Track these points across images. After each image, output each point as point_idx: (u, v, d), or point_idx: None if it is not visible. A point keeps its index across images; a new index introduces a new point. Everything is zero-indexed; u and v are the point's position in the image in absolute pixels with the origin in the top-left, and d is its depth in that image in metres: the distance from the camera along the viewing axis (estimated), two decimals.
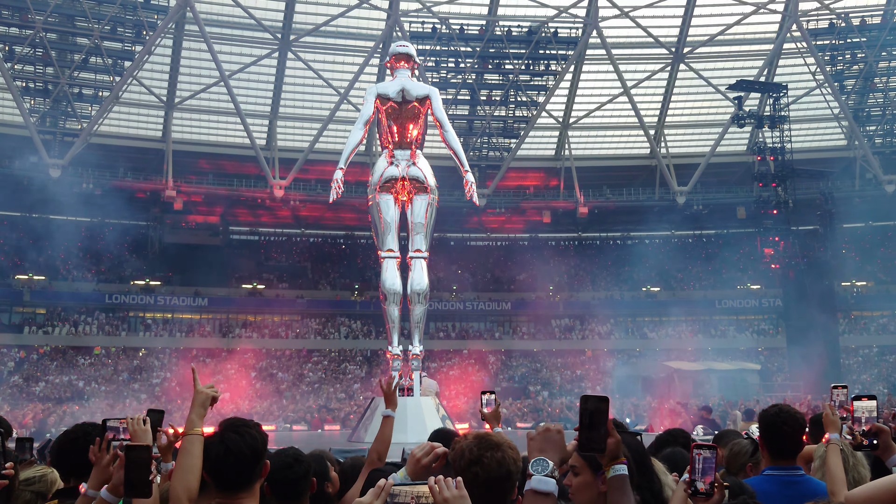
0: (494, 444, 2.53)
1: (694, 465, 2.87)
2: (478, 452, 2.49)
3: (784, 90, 38.64)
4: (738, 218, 44.16)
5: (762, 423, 3.94)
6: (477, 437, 2.56)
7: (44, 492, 3.59)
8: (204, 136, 44.83)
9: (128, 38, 38.47)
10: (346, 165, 14.49)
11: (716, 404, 26.20)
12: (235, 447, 2.84)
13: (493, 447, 2.51)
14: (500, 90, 42.80)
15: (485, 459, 2.47)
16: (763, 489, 3.57)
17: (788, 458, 3.83)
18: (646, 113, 44.26)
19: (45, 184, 38.94)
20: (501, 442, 2.55)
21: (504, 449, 2.52)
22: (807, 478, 3.84)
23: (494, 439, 2.55)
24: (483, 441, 2.53)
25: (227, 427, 2.93)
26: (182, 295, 43.45)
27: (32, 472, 3.79)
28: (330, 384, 39.52)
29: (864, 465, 3.90)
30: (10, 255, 42.92)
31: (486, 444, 2.52)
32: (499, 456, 2.49)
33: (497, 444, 2.53)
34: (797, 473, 3.80)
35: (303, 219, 47.50)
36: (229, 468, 2.83)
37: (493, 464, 2.47)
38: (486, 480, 2.44)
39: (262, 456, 2.96)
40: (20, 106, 36.95)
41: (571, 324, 47.03)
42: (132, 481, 2.69)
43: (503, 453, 2.50)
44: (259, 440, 2.94)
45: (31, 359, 38.94)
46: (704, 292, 46.93)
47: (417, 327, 14.73)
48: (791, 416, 3.84)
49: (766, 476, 3.83)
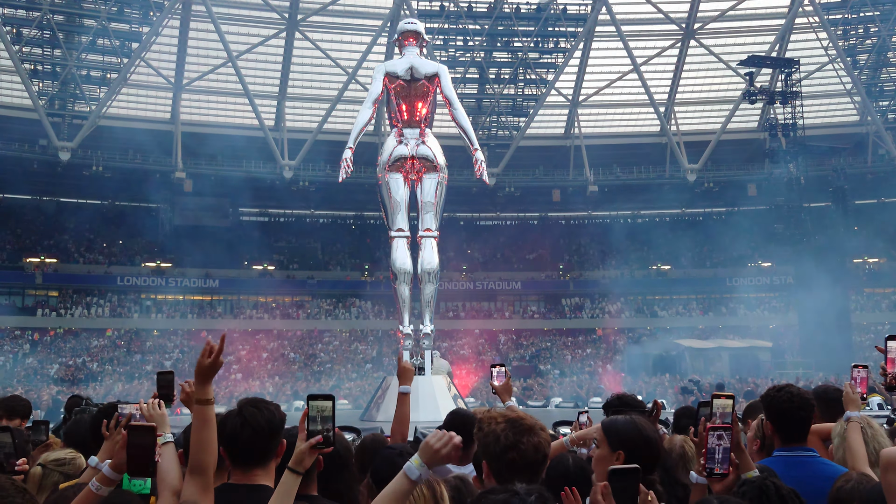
0: (528, 427, 2.50)
1: (709, 447, 2.83)
2: (514, 438, 2.47)
3: (796, 66, 38.21)
4: (749, 195, 43.88)
5: (767, 405, 3.87)
6: (509, 421, 2.52)
7: (73, 474, 3.61)
8: (213, 117, 44.78)
9: (135, 19, 38.33)
10: (354, 145, 14.40)
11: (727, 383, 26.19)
12: (253, 420, 2.87)
13: (527, 431, 2.48)
14: (508, 68, 42.52)
15: (521, 445, 2.46)
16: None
17: (796, 439, 3.76)
18: (656, 90, 43.90)
19: (54, 167, 39.09)
20: (534, 425, 2.53)
21: (538, 432, 2.50)
22: (816, 459, 3.76)
23: (528, 423, 2.53)
24: (517, 425, 2.51)
25: (247, 403, 2.96)
26: (193, 277, 43.63)
27: (63, 453, 3.81)
28: (341, 364, 39.70)
29: (883, 435, 3.85)
30: (22, 239, 43.17)
31: (520, 429, 2.49)
32: (535, 441, 2.47)
33: (531, 427, 2.50)
34: (805, 455, 3.73)
35: (312, 199, 47.48)
36: (245, 441, 2.83)
37: (530, 449, 2.45)
38: (523, 466, 2.43)
39: (279, 433, 2.96)
40: (29, 89, 36.96)
41: (581, 302, 47.02)
42: (135, 461, 2.69)
43: (538, 437, 2.49)
44: (276, 416, 2.95)
45: (44, 341, 39.25)
46: (715, 270, 46.80)
47: (428, 306, 14.70)
48: (797, 396, 3.76)
49: (773, 458, 3.76)
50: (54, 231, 44.04)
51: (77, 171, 39.88)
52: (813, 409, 3.83)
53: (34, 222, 44.28)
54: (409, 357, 14.30)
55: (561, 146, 47.15)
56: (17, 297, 41.69)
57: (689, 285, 46.61)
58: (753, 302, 45.41)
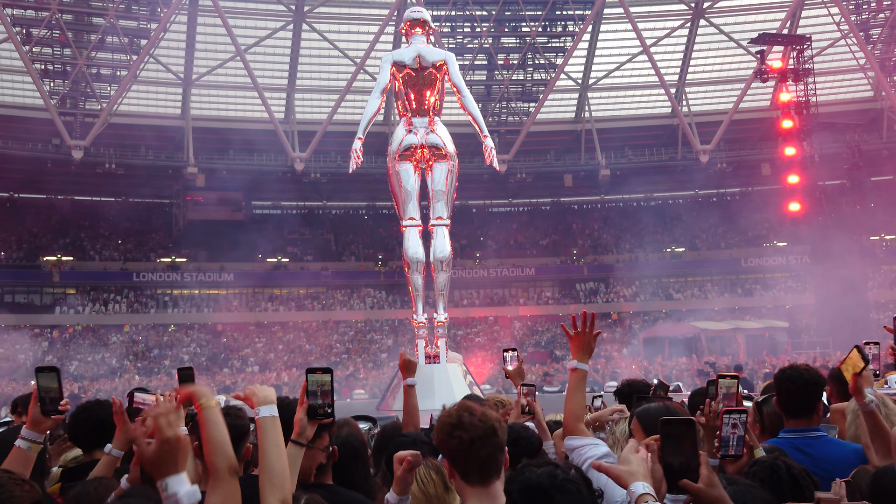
0: (472, 406, 2.49)
1: (724, 431, 2.83)
2: (456, 415, 2.44)
3: (808, 42, 37.74)
4: (762, 175, 43.52)
5: (777, 384, 3.85)
6: (456, 405, 2.52)
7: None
8: (223, 111, 44.90)
9: (143, 15, 38.47)
10: (364, 135, 14.43)
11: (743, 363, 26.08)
12: None
13: (470, 409, 2.47)
14: (517, 53, 42.32)
15: (464, 420, 2.41)
16: None
17: (804, 417, 3.73)
18: (666, 71, 43.57)
19: (68, 165, 39.34)
20: (480, 405, 2.52)
21: (485, 408, 2.48)
22: (824, 439, 3.72)
23: (471, 402, 2.53)
24: (462, 405, 2.50)
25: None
26: (208, 271, 43.87)
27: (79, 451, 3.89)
28: (357, 354, 39.87)
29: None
30: (38, 238, 43.52)
31: (464, 407, 2.48)
32: (479, 413, 2.43)
33: (474, 406, 2.50)
34: (812, 436, 3.69)
35: (324, 190, 47.57)
36: None
37: (475, 422, 2.41)
38: (469, 441, 2.38)
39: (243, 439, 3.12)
40: (40, 88, 37.17)
41: (596, 287, 46.91)
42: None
43: (483, 411, 2.45)
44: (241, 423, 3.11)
45: (63, 338, 39.62)
46: (730, 251, 46.54)
47: (441, 295, 14.74)
48: (804, 376, 3.73)
49: (780, 438, 3.73)
50: (70, 229, 44.38)
51: (90, 169, 40.12)
52: (822, 388, 3.81)
53: (50, 221, 44.62)
54: (424, 345, 14.36)
55: (572, 130, 46.95)
56: (35, 295, 42.08)
57: (704, 267, 46.34)
58: (769, 282, 45.16)
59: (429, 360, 14.41)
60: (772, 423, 4.07)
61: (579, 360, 3.47)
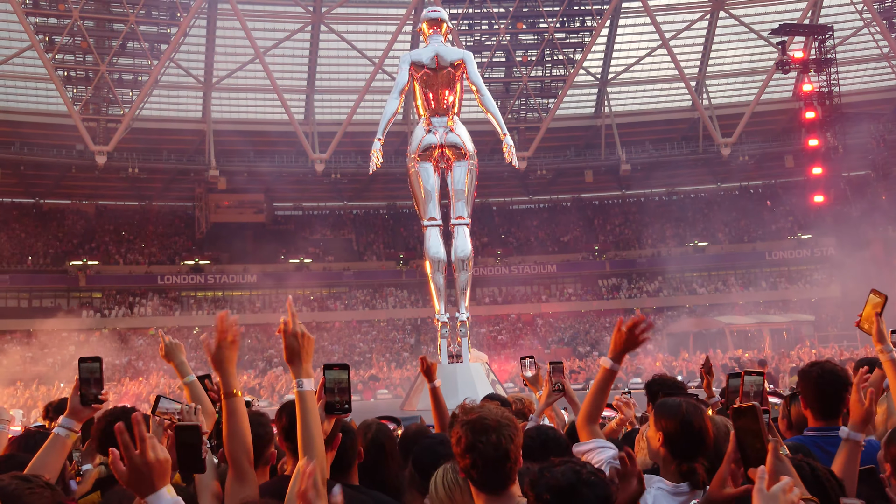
0: (488, 426, 2.49)
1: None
2: (472, 438, 2.48)
3: (830, 32, 37.34)
4: (786, 167, 43.08)
5: (802, 382, 3.77)
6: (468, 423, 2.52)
7: None
8: (243, 114, 45.20)
9: (163, 20, 38.80)
10: (383, 136, 14.46)
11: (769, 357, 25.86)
12: None
13: (485, 431, 2.48)
14: (535, 50, 42.18)
15: (479, 445, 2.46)
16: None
17: (829, 416, 3.65)
18: (686, 64, 43.25)
19: (92, 171, 39.80)
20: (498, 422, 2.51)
21: (501, 430, 2.48)
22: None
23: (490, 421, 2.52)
24: (476, 426, 2.50)
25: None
26: (231, 273, 44.23)
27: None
28: (380, 353, 39.98)
29: None
30: (64, 243, 44.07)
31: (479, 429, 2.49)
32: (493, 440, 2.46)
33: (491, 426, 2.49)
34: (837, 434, 3.55)
35: (344, 191, 47.75)
36: None
37: (489, 448, 2.46)
38: (483, 466, 2.47)
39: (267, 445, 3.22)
40: (63, 95, 37.60)
41: (618, 283, 46.70)
42: (185, 460, 2.75)
43: (498, 435, 2.47)
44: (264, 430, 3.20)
45: (90, 342, 40.09)
46: (753, 245, 46.13)
47: (463, 293, 14.74)
48: (832, 373, 3.65)
49: (804, 436, 3.67)
50: (95, 234, 44.91)
51: (114, 174, 40.57)
52: (848, 385, 3.75)
53: (75, 226, 45.20)
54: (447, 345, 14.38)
55: (591, 126, 46.75)
56: (62, 299, 42.61)
57: (727, 261, 45.98)
58: (794, 275, 44.70)
59: (452, 360, 14.42)
60: (799, 421, 4.02)
61: (613, 358, 3.29)
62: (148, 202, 46.46)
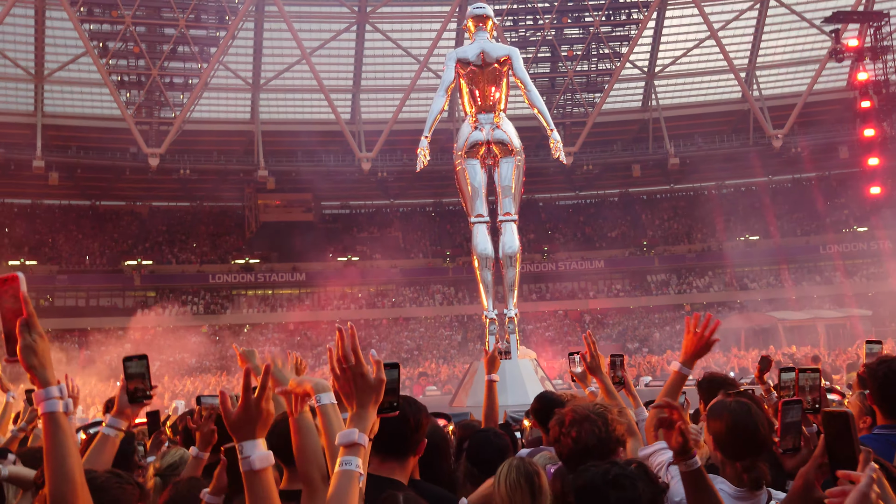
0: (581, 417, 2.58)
1: (781, 421, 2.78)
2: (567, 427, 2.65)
3: (885, 18, 36.26)
4: (840, 158, 42.01)
5: (870, 379, 3.61)
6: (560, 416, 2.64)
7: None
8: (290, 114, 45.78)
9: (211, 24, 39.48)
10: (430, 133, 14.49)
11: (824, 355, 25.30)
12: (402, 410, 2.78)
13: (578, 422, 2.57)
14: (580, 44, 41.84)
15: (574, 432, 2.65)
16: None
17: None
18: (735, 55, 42.45)
19: (145, 172, 40.73)
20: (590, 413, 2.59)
21: (594, 419, 2.57)
22: None
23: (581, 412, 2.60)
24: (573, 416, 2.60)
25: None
26: (280, 271, 44.87)
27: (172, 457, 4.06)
28: (427, 350, 40.14)
29: None
30: (119, 243, 45.21)
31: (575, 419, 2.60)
32: (587, 428, 2.61)
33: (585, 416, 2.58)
34: None
35: (391, 189, 48.03)
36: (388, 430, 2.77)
37: (583, 435, 2.62)
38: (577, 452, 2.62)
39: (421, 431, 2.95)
40: (117, 99, 38.53)
41: (668, 279, 46.11)
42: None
43: (591, 425, 2.62)
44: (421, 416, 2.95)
45: (145, 339, 41.04)
46: (807, 238, 45.10)
47: (511, 290, 14.71)
48: None
49: (875, 435, 3.51)
50: (148, 234, 45.98)
51: (166, 175, 41.47)
52: None
53: (130, 227, 46.34)
54: (496, 341, 14.38)
55: (639, 119, 46.22)
56: (118, 298, 43.71)
57: (779, 255, 44.99)
58: (850, 269, 43.57)
59: (500, 356, 14.41)
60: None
61: (685, 362, 3.26)
62: (199, 202, 47.39)
